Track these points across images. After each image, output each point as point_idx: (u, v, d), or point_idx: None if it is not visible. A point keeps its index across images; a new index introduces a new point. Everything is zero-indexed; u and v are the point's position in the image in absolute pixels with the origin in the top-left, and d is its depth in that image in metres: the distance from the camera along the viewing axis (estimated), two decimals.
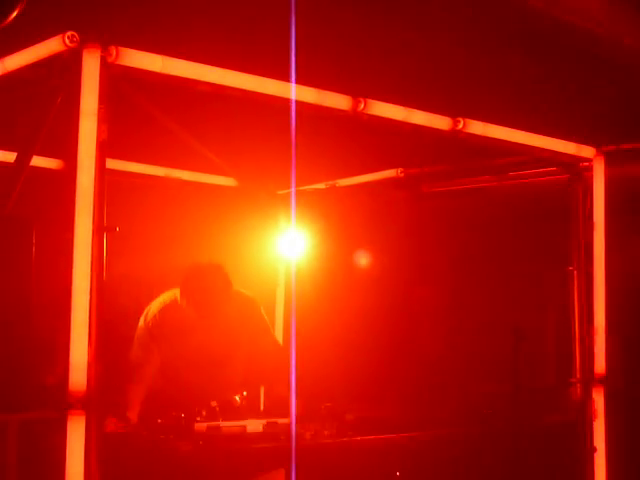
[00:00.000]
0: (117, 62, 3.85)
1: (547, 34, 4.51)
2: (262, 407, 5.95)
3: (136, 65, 3.95)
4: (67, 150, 3.80)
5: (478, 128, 5.10)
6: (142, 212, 6.56)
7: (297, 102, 4.47)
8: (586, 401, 5.52)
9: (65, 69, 3.86)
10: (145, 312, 5.99)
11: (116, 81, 3.87)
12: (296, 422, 5.13)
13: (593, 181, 5.59)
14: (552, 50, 4.97)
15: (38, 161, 5.25)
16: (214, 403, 5.40)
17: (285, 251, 7.20)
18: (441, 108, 5.00)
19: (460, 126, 5.01)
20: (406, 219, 7.24)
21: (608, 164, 5.59)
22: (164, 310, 5.95)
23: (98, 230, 3.76)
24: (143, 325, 5.95)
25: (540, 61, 5.15)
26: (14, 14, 4.23)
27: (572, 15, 4.39)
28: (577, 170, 5.63)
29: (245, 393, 5.70)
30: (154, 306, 6.00)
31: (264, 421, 5.19)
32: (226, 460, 4.86)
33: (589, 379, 5.53)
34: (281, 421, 5.26)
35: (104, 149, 3.81)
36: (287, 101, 4.47)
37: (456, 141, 5.11)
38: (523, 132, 5.32)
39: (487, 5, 4.14)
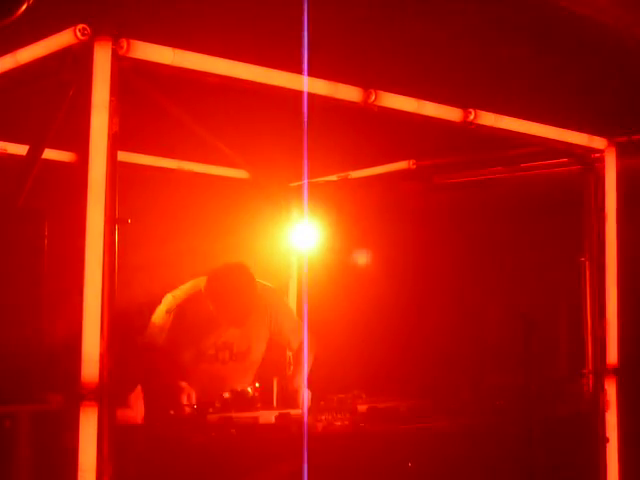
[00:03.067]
0: (128, 55, 3.85)
1: (557, 24, 4.51)
2: (275, 399, 5.97)
3: (147, 58, 3.96)
4: (79, 143, 3.81)
5: (489, 119, 5.10)
6: (154, 204, 6.57)
7: (309, 94, 4.48)
8: (598, 392, 5.52)
9: (76, 62, 3.87)
10: (168, 300, 6.00)
11: (127, 74, 3.88)
12: (308, 414, 5.16)
13: (605, 172, 5.58)
14: (563, 41, 4.97)
15: (50, 154, 5.27)
16: (227, 394, 5.42)
17: (297, 243, 7.20)
18: (452, 99, 4.99)
19: (471, 117, 5.01)
20: (418, 210, 7.24)
21: (620, 155, 5.59)
22: (188, 301, 5.96)
23: (110, 222, 3.77)
24: (164, 315, 5.94)
25: (551, 52, 5.14)
26: (24, 7, 4.24)
27: (580, 5, 4.39)
28: (589, 161, 5.62)
29: (258, 385, 5.72)
30: (178, 296, 6.01)
31: (276, 412, 5.21)
32: (238, 452, 4.87)
33: (601, 370, 5.53)
34: (293, 412, 5.29)
35: (116, 141, 3.82)
36: (299, 93, 4.47)
37: (467, 132, 5.11)
38: (534, 123, 5.31)
39: None
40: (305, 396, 5.72)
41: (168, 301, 5.99)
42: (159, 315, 5.98)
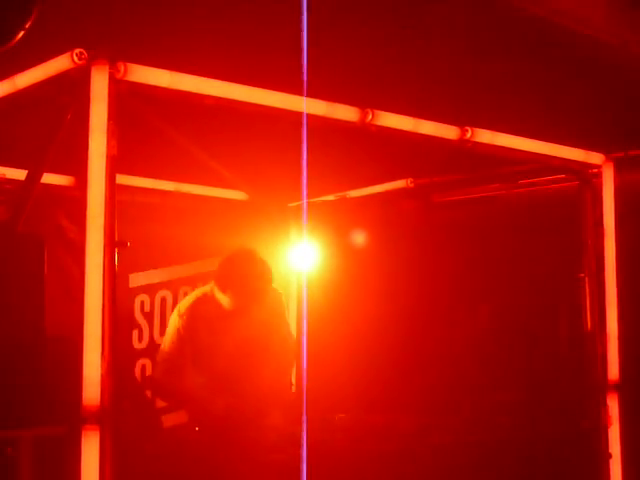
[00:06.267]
0: (125, 78, 3.87)
1: (553, 42, 4.53)
2: None
3: (144, 81, 3.98)
4: (77, 166, 3.82)
5: (486, 137, 5.11)
6: (153, 227, 6.58)
7: (307, 114, 4.49)
8: (601, 408, 5.51)
9: (74, 86, 3.89)
10: (177, 308, 6.04)
11: (125, 97, 3.89)
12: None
13: (602, 187, 5.59)
14: (559, 58, 4.98)
15: (49, 178, 5.28)
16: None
17: (296, 263, 7.21)
18: (449, 118, 5.00)
19: (468, 135, 5.02)
20: (416, 229, 7.25)
21: (617, 170, 5.60)
22: (197, 303, 5.99)
23: (109, 245, 3.78)
24: (177, 318, 5.97)
25: (547, 69, 5.16)
26: (20, 34, 4.26)
27: (576, 23, 4.42)
28: (586, 177, 5.62)
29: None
30: (186, 300, 6.07)
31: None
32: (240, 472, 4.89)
33: (603, 386, 5.52)
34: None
35: (114, 164, 3.83)
36: (297, 114, 4.48)
37: (465, 150, 5.12)
38: (531, 140, 5.32)
39: (492, 14, 4.17)
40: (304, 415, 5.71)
41: (178, 309, 6.03)
42: (172, 320, 6.01)
